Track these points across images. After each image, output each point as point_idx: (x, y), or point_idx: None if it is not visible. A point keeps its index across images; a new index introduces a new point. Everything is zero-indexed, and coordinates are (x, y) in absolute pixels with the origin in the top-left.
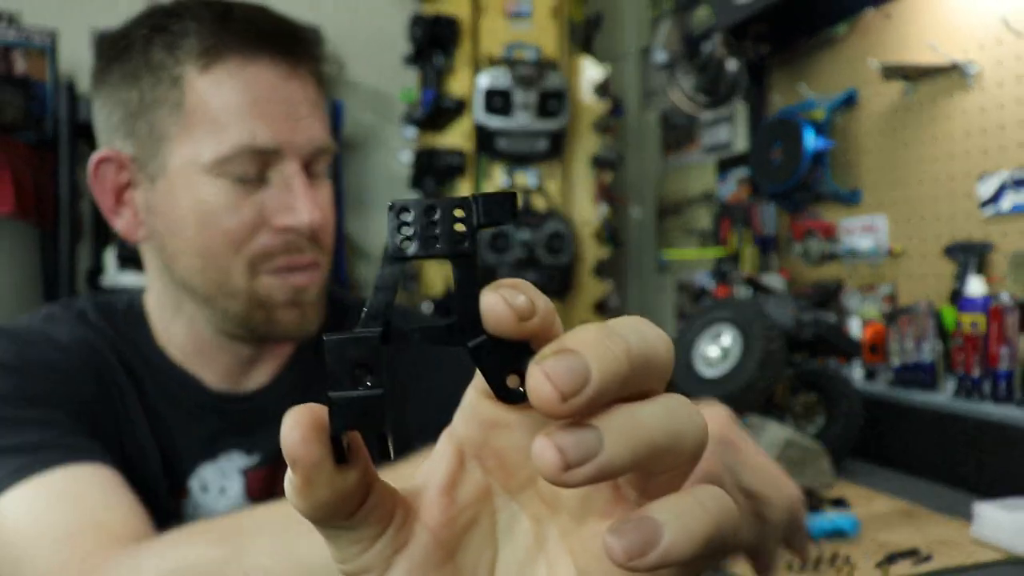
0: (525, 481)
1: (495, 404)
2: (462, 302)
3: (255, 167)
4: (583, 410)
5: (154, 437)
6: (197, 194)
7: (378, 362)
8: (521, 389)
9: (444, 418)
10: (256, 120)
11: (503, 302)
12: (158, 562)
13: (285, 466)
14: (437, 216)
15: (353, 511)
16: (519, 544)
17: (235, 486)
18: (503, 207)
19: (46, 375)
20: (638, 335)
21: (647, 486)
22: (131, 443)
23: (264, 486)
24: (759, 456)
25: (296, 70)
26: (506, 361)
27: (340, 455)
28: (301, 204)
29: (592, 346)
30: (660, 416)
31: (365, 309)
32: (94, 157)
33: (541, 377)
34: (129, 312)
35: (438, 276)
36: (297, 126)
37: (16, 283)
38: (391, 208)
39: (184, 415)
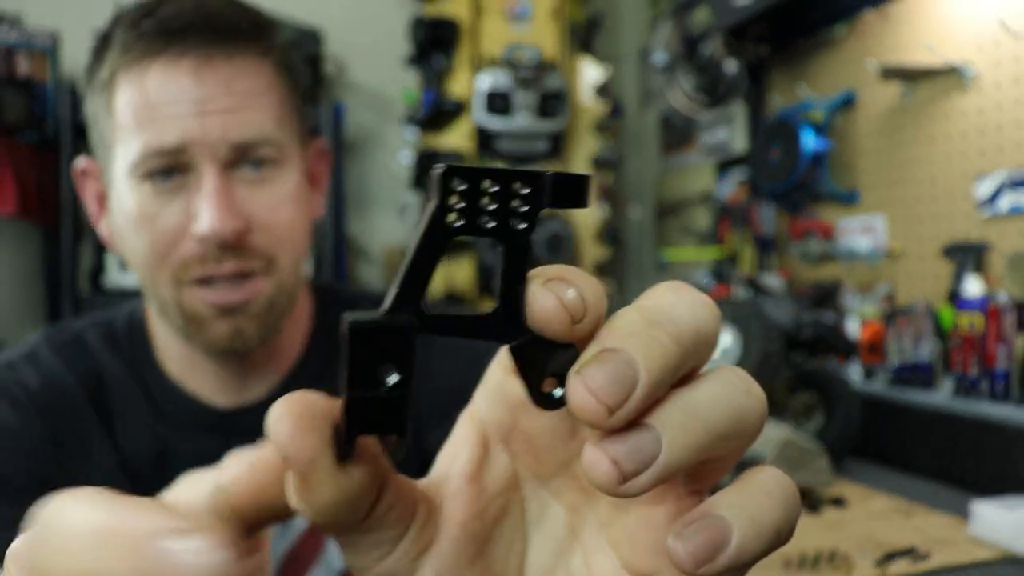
0: (557, 466)
1: None
2: (507, 291)
3: (170, 170)
4: (633, 416)
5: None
6: (128, 202)
7: (407, 354)
8: (558, 394)
9: (455, 408)
10: (162, 120)
11: (555, 300)
12: None
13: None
14: (495, 188)
15: (365, 514)
16: (551, 535)
17: None
18: (576, 190)
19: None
20: (685, 310)
21: (698, 468)
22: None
23: None
24: None
25: (211, 61)
26: (547, 362)
27: (345, 451)
28: (204, 210)
29: (637, 339)
30: (719, 397)
31: (396, 290)
32: (75, 167)
33: (582, 391)
34: (130, 330)
35: (438, 275)
36: (207, 122)
37: (19, 282)
38: (442, 172)
39: (191, 441)
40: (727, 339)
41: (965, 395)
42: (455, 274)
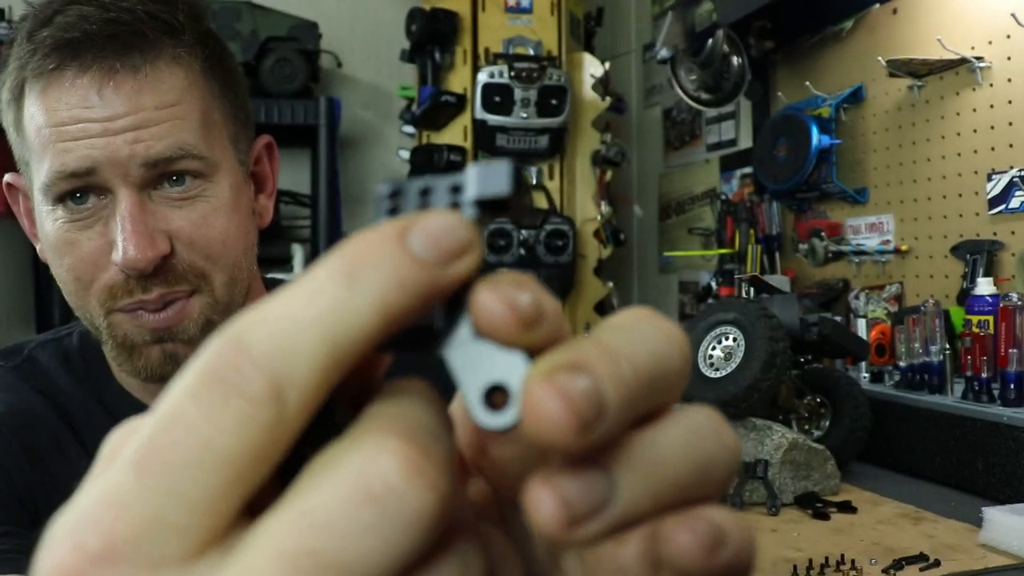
0: None
1: None
2: (450, 301)
3: (84, 192)
4: (597, 448)
5: None
6: (47, 225)
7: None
8: (506, 411)
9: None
10: (68, 141)
11: (501, 302)
12: None
13: None
14: (433, 197)
15: None
16: (535, 559)
17: None
18: (498, 176)
19: None
20: (645, 348)
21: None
22: None
23: None
24: None
25: (115, 74)
26: (493, 373)
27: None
28: (120, 239)
29: (600, 365)
30: (683, 443)
31: None
32: (3, 182)
33: (555, 397)
34: (82, 347)
35: None
36: (114, 141)
37: (9, 282)
38: (382, 190)
39: None
40: (731, 339)
41: (976, 398)
42: None
